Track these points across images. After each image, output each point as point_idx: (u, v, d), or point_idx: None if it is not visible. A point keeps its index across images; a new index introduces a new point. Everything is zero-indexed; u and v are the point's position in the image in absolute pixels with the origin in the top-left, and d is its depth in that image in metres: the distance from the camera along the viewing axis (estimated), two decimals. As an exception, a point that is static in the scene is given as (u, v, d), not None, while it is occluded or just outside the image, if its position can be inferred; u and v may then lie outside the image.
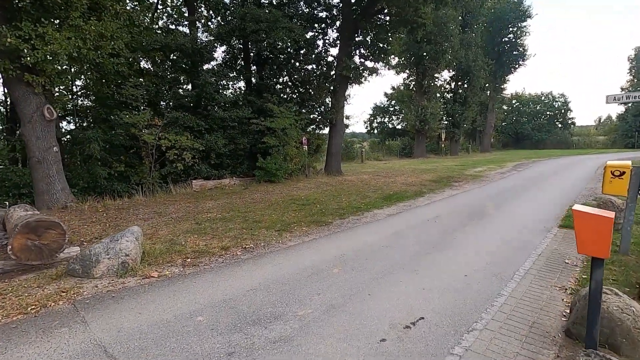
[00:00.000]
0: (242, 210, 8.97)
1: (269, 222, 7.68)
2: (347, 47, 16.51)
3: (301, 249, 5.82)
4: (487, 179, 15.05)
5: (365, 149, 31.36)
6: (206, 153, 14.08)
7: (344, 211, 8.85)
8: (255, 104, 15.27)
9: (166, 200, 10.77)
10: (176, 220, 8.06)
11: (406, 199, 10.63)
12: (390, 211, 8.89)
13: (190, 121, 13.59)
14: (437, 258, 5.29)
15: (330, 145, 17.54)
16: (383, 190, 12.24)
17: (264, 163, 14.12)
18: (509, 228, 6.99)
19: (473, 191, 11.95)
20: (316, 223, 7.56)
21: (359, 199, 10.65)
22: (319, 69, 17.09)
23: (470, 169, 19.04)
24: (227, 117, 14.18)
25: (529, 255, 5.36)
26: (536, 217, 7.85)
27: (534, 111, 50.96)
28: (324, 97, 16.99)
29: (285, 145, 14.69)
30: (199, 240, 6.28)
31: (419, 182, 14.07)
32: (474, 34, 31.62)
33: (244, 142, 14.71)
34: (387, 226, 7.32)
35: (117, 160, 12.44)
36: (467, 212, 8.54)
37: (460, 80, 32.86)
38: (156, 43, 13.28)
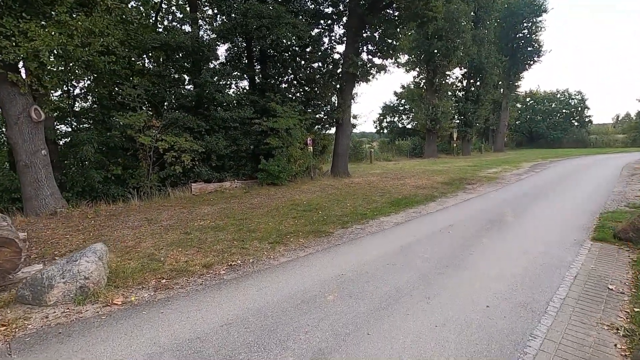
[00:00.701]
0: (238, 218, 8.25)
1: (264, 231, 6.92)
2: (354, 43, 15.67)
3: (294, 266, 5.04)
4: (503, 181, 14.03)
5: (375, 150, 30.42)
6: (207, 155, 13.43)
7: (348, 219, 8.04)
8: (258, 104, 14.57)
9: (162, 205, 10.13)
10: (165, 229, 7.37)
11: (416, 204, 9.76)
12: (399, 219, 8.04)
13: (191, 122, 12.96)
14: (452, 280, 4.44)
15: (336, 145, 16.73)
16: (391, 193, 11.38)
17: (266, 165, 13.40)
18: (533, 240, 6.08)
19: (489, 195, 10.99)
20: (315, 233, 6.77)
21: (365, 204, 9.82)
22: (325, 67, 16.29)
23: (484, 170, 17.99)
24: (228, 117, 13.49)
25: (563, 278, 4.48)
26: (563, 227, 6.91)
27: (548, 109, 49.15)
28: (330, 96, 16.18)
29: (289, 147, 13.94)
30: (182, 254, 5.56)
31: (430, 185, 13.16)
32: (486, 30, 30.35)
33: (246, 144, 14.01)
34: (394, 238, 6.48)
35: (114, 163, 11.85)
36: (484, 220, 7.63)
37: (472, 77, 31.61)
38: (155, 41, 12.66)
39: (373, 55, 16.14)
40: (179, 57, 13.76)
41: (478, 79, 31.35)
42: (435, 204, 9.67)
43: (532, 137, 48.46)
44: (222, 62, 15.58)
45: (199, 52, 13.52)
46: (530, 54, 35.58)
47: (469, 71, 31.19)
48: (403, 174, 17.18)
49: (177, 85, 14.01)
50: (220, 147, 13.25)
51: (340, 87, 16.37)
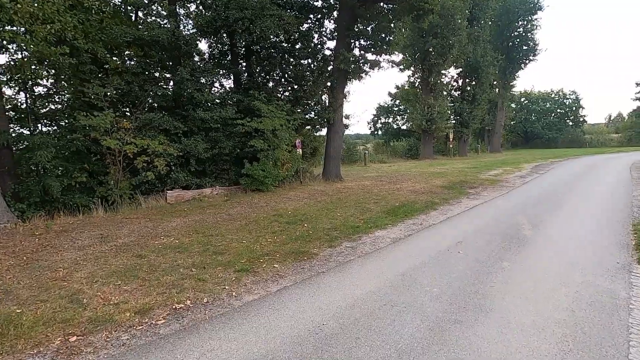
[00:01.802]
0: (208, 234, 6.90)
1: (234, 253, 5.59)
2: (346, 38, 14.39)
3: (260, 310, 3.71)
4: (507, 185, 12.80)
5: (369, 151, 29.17)
6: (185, 159, 12.09)
7: (337, 233, 6.74)
8: (242, 103, 13.24)
9: (127, 217, 8.76)
10: (117, 249, 6.02)
11: (415, 212, 8.48)
12: (396, 233, 6.74)
13: (167, 123, 11.61)
14: (474, 335, 3.14)
15: (328, 147, 15.42)
16: (387, 200, 10.09)
17: (250, 169, 12.06)
18: (565, 264, 4.80)
19: (496, 201, 9.74)
20: (296, 255, 5.45)
21: (358, 213, 8.52)
22: (315, 64, 14.99)
23: (484, 172, 16.77)
24: (209, 118, 12.12)
25: (628, 329, 3.19)
26: (596, 244, 5.64)
27: (543, 109, 48.25)
28: (321, 95, 14.88)
29: (276, 149, 12.60)
30: (118, 291, 4.21)
31: (429, 189, 11.89)
32: (481, 28, 29.23)
33: (229, 146, 12.64)
34: (392, 260, 5.17)
35: (78, 170, 10.46)
36: (498, 234, 6.36)
37: (468, 77, 30.45)
38: (126, 35, 11.29)
39: (366, 50, 14.88)
40: (154, 54, 12.41)
41: (474, 78, 30.21)
42: (438, 213, 8.38)
43: (528, 138, 47.51)
44: (204, 59, 14.25)
45: (176, 47, 12.18)
46: (525, 53, 34.53)
47: (465, 70, 30.05)
48: (399, 177, 15.92)
49: (152, 84, 12.64)
50: (199, 150, 11.89)
51: (331, 85, 15.08)
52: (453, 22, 23.95)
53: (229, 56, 14.44)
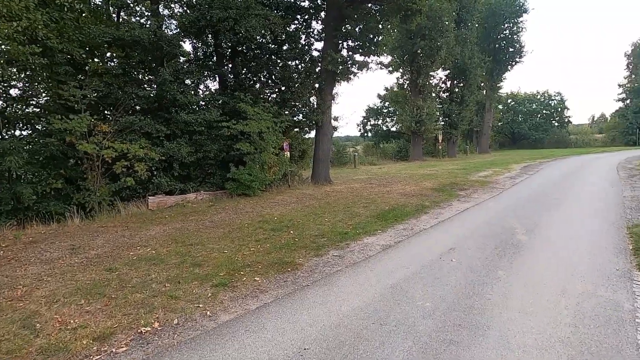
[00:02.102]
0: (188, 243, 6.48)
1: (213, 265, 5.19)
2: (333, 39, 14.10)
3: (234, 333, 3.33)
4: (497, 186, 12.62)
5: (359, 153, 28.94)
6: (168, 163, 11.62)
7: (324, 240, 6.38)
8: (228, 105, 12.83)
9: (104, 226, 8.27)
10: (87, 262, 5.56)
11: (406, 216, 8.17)
12: (386, 239, 6.41)
13: (149, 126, 11.14)
14: (470, 358, 2.82)
15: (316, 150, 15.08)
16: (377, 204, 9.78)
17: (236, 173, 11.65)
18: (564, 272, 4.53)
19: (487, 204, 9.50)
20: (279, 266, 5.08)
21: (347, 218, 8.18)
22: (303, 65, 14.65)
23: (474, 173, 16.62)
24: (192, 120, 11.67)
25: (638, 347, 2.90)
26: (592, 249, 5.39)
27: (529, 110, 48.75)
28: (309, 96, 14.53)
29: (263, 152, 12.21)
30: (79, 312, 3.78)
31: (419, 192, 11.63)
32: (469, 30, 29.29)
33: (214, 150, 12.20)
34: (381, 271, 4.84)
35: (54, 175, 9.91)
36: (492, 239, 6.08)
37: (456, 78, 30.48)
38: (105, 35, 10.79)
39: (354, 51, 14.60)
40: (135, 55, 11.92)
41: (462, 80, 30.25)
42: (428, 217, 8.10)
43: (515, 138, 47.93)
44: (189, 60, 13.78)
45: (158, 48, 11.71)
46: (512, 55, 34.79)
47: (453, 72, 30.07)
48: (389, 179, 15.65)
49: (134, 86, 12.13)
50: (183, 154, 11.43)
51: (319, 87, 14.76)
52: (441, 24, 23.90)
53: (214, 57, 14.01)
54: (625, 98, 44.39)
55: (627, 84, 43.79)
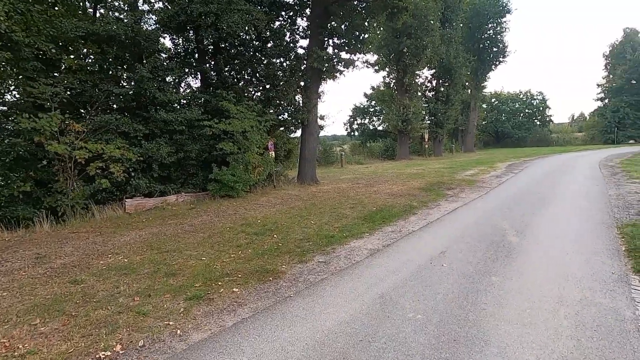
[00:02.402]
0: (164, 249, 6.05)
1: (189, 275, 4.80)
2: (319, 36, 13.77)
3: (207, 355, 2.97)
4: (484, 185, 12.51)
5: (346, 152, 28.70)
6: (147, 164, 11.09)
7: (310, 245, 6.05)
8: (210, 104, 12.36)
9: (75, 231, 7.74)
10: (51, 274, 5.09)
11: (394, 218, 7.91)
12: (374, 242, 6.12)
13: (126, 125, 10.61)
14: (470, 380, 2.53)
15: (302, 149, 14.73)
16: (364, 204, 9.50)
17: (218, 174, 11.20)
18: (559, 276, 4.31)
19: (475, 203, 9.33)
20: (260, 275, 4.72)
21: (333, 220, 7.87)
22: (288, 62, 14.27)
23: (460, 172, 16.54)
24: (172, 119, 11.16)
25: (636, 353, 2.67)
26: (585, 251, 5.21)
27: (512, 109, 49.47)
28: (294, 95, 14.15)
29: (247, 152, 11.79)
30: (31, 334, 3.35)
31: (407, 192, 11.41)
32: (453, 31, 29.37)
33: (195, 150, 11.72)
34: (369, 278, 4.53)
35: (22, 178, 9.29)
36: (483, 241, 5.85)
37: (441, 77, 30.54)
38: (78, 30, 10.20)
39: (340, 49, 14.30)
40: (110, 51, 11.33)
41: (447, 79, 30.33)
42: (417, 218, 7.85)
43: (498, 137, 48.54)
44: (170, 57, 13.23)
45: (135, 44, 11.16)
46: (495, 55, 35.11)
47: (438, 71, 30.11)
48: (376, 178, 15.42)
49: (111, 83, 11.55)
50: (162, 154, 10.92)
51: (304, 85, 14.41)
52: (426, 23, 23.83)
53: (196, 54, 13.50)
54: (604, 97, 45.47)
55: (606, 84, 44.83)
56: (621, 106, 41.44)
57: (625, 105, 41.24)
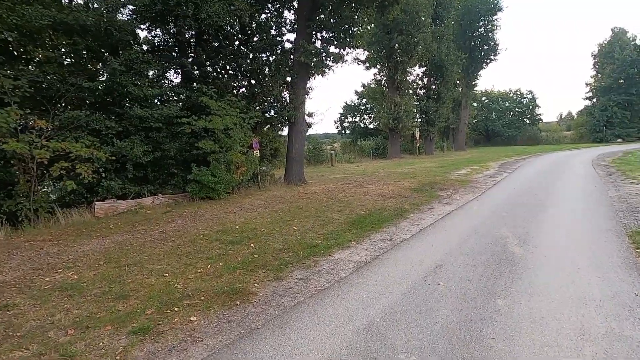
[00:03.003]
0: (124, 263, 5.27)
1: (143, 297, 4.04)
2: (306, 29, 13.00)
3: None
4: (478, 185, 11.92)
5: (336, 151, 28.01)
6: (121, 164, 10.25)
7: (289, 257, 5.33)
8: (190, 100, 11.54)
9: (31, 240, 6.89)
10: (-18, 295, 4.29)
11: (384, 223, 7.23)
12: (361, 254, 5.42)
13: (97, 122, 9.76)
14: None
15: (289, 148, 13.97)
16: (352, 207, 8.81)
17: (198, 175, 10.39)
18: (575, 300, 3.65)
19: (471, 206, 8.70)
20: (227, 297, 3.99)
21: (318, 225, 7.16)
22: (274, 56, 13.48)
23: (453, 172, 15.96)
24: (148, 116, 10.32)
25: None
26: (598, 265, 4.57)
27: (503, 108, 49.29)
28: (280, 90, 13.37)
29: (229, 151, 11.01)
30: None
31: (398, 193, 10.75)
32: (445, 28, 28.80)
33: (174, 149, 10.90)
34: (352, 302, 3.83)
35: (-22, 180, 8.41)
36: (483, 253, 5.19)
37: (433, 75, 29.98)
38: (43, 18, 9.29)
39: (328, 43, 13.54)
40: (80, 41, 10.43)
41: (439, 77, 29.78)
42: (409, 224, 7.18)
43: (489, 135, 48.34)
44: (149, 50, 12.33)
45: (108, 34, 10.27)
46: (487, 52, 34.69)
47: (430, 69, 29.55)
48: (366, 178, 14.75)
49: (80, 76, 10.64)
50: (137, 153, 10.08)
51: (291, 81, 13.66)
52: (418, 19, 23.20)
53: (176, 47, 12.63)
54: (592, 97, 45.47)
55: (594, 83, 44.84)
56: (609, 105, 41.45)
57: (613, 104, 41.26)
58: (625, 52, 40.54)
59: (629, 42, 42.16)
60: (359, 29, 13.62)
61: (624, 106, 41.39)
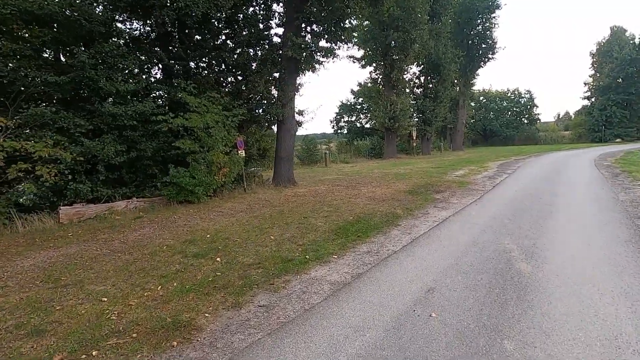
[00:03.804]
0: (63, 282, 4.43)
1: (62, 333, 3.21)
2: (295, 21, 12.16)
3: None
4: (477, 188, 11.09)
5: (332, 151, 27.18)
6: (92, 165, 9.42)
7: (257, 275, 4.50)
8: (169, 96, 10.71)
9: (-24, 251, 6.05)
10: None
11: (372, 231, 6.41)
12: (341, 271, 4.59)
13: (64, 120, 8.93)
14: None
15: (278, 148, 13.12)
16: (340, 212, 7.98)
17: (175, 176, 9.55)
18: (604, 343, 2.84)
19: (469, 211, 7.87)
20: (165, 334, 3.15)
21: (299, 234, 6.33)
22: (261, 51, 12.63)
23: (450, 172, 15.14)
24: (122, 113, 9.49)
25: None
26: (625, 289, 3.76)
27: (500, 108, 48.48)
28: (267, 87, 12.50)
29: (210, 151, 10.18)
30: None
31: (391, 195, 9.93)
32: (442, 25, 27.95)
33: (150, 148, 10.07)
34: (320, 343, 2.99)
35: None
36: (483, 271, 4.36)
37: (430, 74, 29.14)
38: (6, 6, 8.48)
39: (319, 36, 12.70)
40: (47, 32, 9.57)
41: (436, 76, 28.94)
42: (400, 232, 6.35)
43: (486, 135, 47.53)
44: (126, 43, 11.47)
45: (78, 25, 9.41)
46: (485, 51, 33.85)
47: (427, 67, 28.70)
48: (360, 179, 13.92)
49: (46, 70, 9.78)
50: (109, 153, 9.25)
51: (280, 76, 12.82)
52: (414, 16, 22.36)
53: (157, 40, 11.76)
54: (590, 96, 44.68)
55: (593, 83, 44.05)
56: (608, 105, 40.66)
57: (612, 104, 40.47)
58: (624, 51, 39.74)
59: (628, 40, 41.38)
60: (350, 21, 12.76)
61: (623, 105, 40.61)
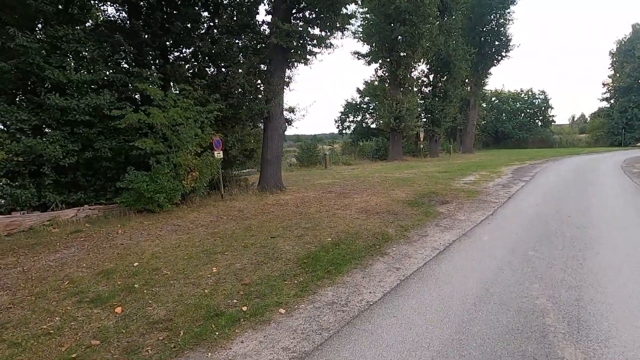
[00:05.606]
0: None
1: None
2: (282, 3, 10.53)
3: None
4: (489, 199, 9.26)
5: (334, 152, 25.48)
6: (37, 166, 7.97)
7: (155, 346, 2.88)
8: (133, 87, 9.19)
9: None
10: None
11: (349, 263, 4.73)
12: (285, 341, 2.92)
13: (5, 114, 7.53)
14: None
15: (265, 149, 11.50)
16: (319, 229, 6.32)
17: (133, 181, 8.02)
18: None
19: (479, 234, 6.10)
20: None
21: (252, 265, 4.70)
22: (245, 39, 11.01)
23: (458, 178, 13.30)
24: (73, 107, 8.02)
25: None
26: None
27: (513, 109, 45.87)
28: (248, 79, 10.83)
29: (178, 151, 8.64)
30: None
31: (386, 207, 8.21)
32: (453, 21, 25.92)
33: (106, 147, 8.57)
34: None
35: None
36: (502, 355, 2.66)
37: (439, 72, 27.12)
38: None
39: (311, 23, 11.02)
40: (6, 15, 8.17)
41: (445, 74, 26.92)
42: (385, 267, 4.64)
43: (498, 138, 45.04)
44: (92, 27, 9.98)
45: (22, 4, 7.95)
46: (498, 48, 31.58)
47: (436, 64, 26.70)
48: (356, 184, 12.21)
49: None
50: (56, 153, 7.80)
51: (267, 68, 11.21)
52: (423, 8, 20.45)
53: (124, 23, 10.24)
54: (609, 97, 41.80)
55: (612, 83, 41.18)
56: (629, 106, 37.80)
57: (634, 106, 37.60)
58: (647, 50, 36.86)
59: (652, 39, 38.44)
60: (346, 7, 11.05)
61: (645, 108, 37.72)
